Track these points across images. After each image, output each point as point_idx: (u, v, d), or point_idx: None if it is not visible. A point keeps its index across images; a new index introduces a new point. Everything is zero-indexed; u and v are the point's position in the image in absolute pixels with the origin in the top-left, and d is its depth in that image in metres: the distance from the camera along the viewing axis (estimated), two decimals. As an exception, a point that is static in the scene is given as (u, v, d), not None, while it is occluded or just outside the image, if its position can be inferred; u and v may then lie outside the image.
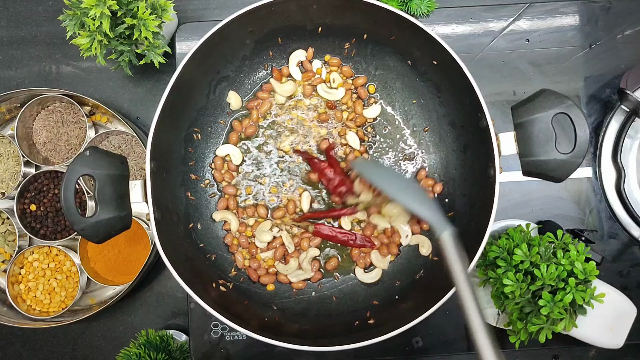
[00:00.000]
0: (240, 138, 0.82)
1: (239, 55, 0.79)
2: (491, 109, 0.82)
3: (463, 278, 0.58)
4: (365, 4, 0.70)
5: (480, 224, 0.68)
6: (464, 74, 0.67)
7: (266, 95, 0.82)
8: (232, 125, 0.82)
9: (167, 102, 0.68)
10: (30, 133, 0.98)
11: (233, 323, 0.65)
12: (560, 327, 0.69)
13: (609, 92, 0.92)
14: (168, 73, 0.98)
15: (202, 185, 0.81)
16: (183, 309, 0.99)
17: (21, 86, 0.99)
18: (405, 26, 0.70)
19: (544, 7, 0.92)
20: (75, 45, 0.81)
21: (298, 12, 0.75)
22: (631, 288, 0.88)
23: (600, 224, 0.90)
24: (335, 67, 0.82)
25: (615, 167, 0.89)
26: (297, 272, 0.79)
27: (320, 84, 0.82)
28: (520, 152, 0.65)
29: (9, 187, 0.95)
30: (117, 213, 0.63)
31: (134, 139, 0.97)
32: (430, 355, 0.88)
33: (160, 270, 0.99)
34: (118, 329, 0.99)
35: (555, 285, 0.69)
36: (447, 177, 0.80)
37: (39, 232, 0.95)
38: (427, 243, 0.79)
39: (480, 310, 0.56)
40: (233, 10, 0.70)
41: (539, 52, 0.92)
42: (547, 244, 0.73)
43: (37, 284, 0.95)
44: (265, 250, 0.79)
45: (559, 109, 0.63)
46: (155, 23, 0.81)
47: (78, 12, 0.79)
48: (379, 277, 0.79)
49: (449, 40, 0.81)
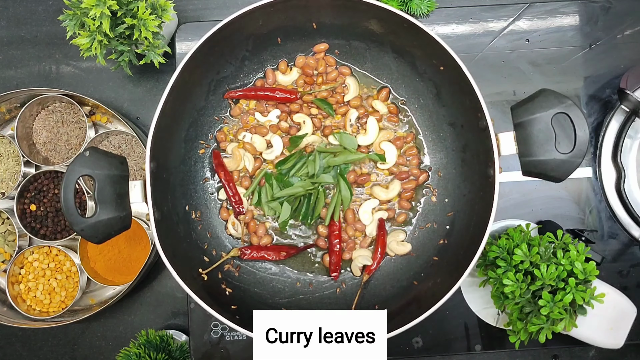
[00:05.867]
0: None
1: (239, 55, 0.79)
2: (491, 109, 0.82)
3: None
4: (365, 4, 0.70)
5: (480, 224, 0.68)
6: (464, 74, 0.67)
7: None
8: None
9: (167, 102, 0.68)
10: (30, 133, 0.98)
11: (233, 323, 0.65)
12: (560, 327, 0.69)
13: (609, 92, 0.92)
14: (168, 73, 0.98)
15: (201, 184, 0.81)
16: (183, 309, 0.99)
17: (21, 86, 1.00)
18: (405, 26, 0.70)
19: (544, 7, 0.92)
20: (75, 45, 0.81)
21: (298, 12, 0.75)
22: (631, 288, 0.88)
23: (600, 224, 0.90)
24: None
25: (615, 167, 0.89)
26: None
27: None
28: (520, 152, 0.65)
29: (9, 187, 0.95)
30: (116, 213, 0.63)
31: (134, 139, 0.97)
32: (430, 355, 0.88)
33: (160, 270, 0.99)
34: (118, 329, 0.99)
35: (555, 285, 0.69)
36: (447, 177, 0.80)
37: (39, 232, 0.95)
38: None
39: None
40: (233, 10, 0.70)
41: (539, 52, 0.92)
42: (547, 244, 0.73)
43: (37, 284, 0.95)
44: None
45: (558, 108, 0.63)
46: (155, 23, 0.81)
47: (78, 12, 0.79)
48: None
49: (449, 40, 0.81)
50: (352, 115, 0.81)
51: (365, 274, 0.78)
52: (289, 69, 0.83)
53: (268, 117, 0.82)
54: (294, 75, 0.83)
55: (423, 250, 0.80)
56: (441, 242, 0.78)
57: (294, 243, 0.81)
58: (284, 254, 0.78)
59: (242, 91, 0.81)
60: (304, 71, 0.82)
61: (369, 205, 0.80)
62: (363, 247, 0.80)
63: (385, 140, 0.81)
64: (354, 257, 0.80)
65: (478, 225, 0.69)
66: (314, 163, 0.79)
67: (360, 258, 0.79)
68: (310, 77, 0.82)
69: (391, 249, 0.80)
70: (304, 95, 0.82)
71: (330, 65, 0.83)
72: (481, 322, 0.86)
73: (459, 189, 0.78)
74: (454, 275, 0.66)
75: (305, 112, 0.82)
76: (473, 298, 0.86)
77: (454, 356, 0.90)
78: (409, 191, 0.81)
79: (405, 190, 0.81)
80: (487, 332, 0.87)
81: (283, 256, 0.78)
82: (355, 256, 0.80)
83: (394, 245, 0.79)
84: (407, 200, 0.81)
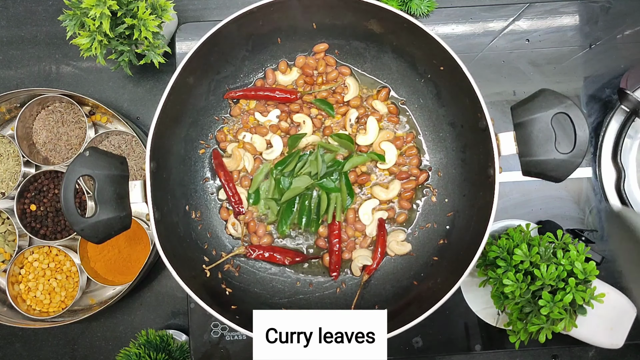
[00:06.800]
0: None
1: (239, 55, 0.79)
2: (491, 109, 0.82)
3: None
4: (365, 4, 0.70)
5: (480, 223, 0.68)
6: (464, 73, 0.67)
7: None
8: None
9: (167, 102, 0.68)
10: (30, 133, 0.98)
11: (233, 323, 0.65)
12: (560, 327, 0.69)
13: (609, 92, 0.91)
14: (168, 73, 0.98)
15: (201, 184, 0.81)
16: (183, 309, 0.99)
17: (21, 86, 1.00)
18: (405, 26, 0.70)
19: (544, 7, 0.92)
20: (75, 45, 0.81)
21: (298, 13, 0.75)
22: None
23: (600, 224, 0.90)
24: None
25: (615, 167, 0.89)
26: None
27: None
28: (520, 152, 0.65)
29: (9, 187, 0.95)
30: (116, 213, 0.63)
31: (134, 139, 0.97)
32: (430, 355, 0.88)
33: (160, 270, 0.99)
34: (118, 329, 0.99)
35: (555, 285, 0.69)
36: (447, 177, 0.80)
37: (39, 232, 0.95)
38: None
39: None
40: (233, 10, 0.70)
41: (539, 52, 0.92)
42: (547, 244, 0.73)
43: (37, 284, 0.95)
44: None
45: (558, 108, 0.63)
46: (155, 23, 0.81)
47: (78, 12, 0.79)
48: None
49: (449, 40, 0.81)
50: (352, 116, 0.81)
51: (365, 274, 0.78)
52: (289, 69, 0.83)
53: (268, 117, 0.82)
54: (294, 75, 0.83)
55: (423, 250, 0.80)
56: (441, 242, 0.78)
57: (296, 244, 0.81)
58: (289, 260, 0.78)
59: (242, 91, 0.81)
60: (304, 71, 0.82)
61: (369, 205, 0.80)
62: (363, 247, 0.80)
63: (385, 140, 0.81)
64: (354, 257, 0.80)
65: (478, 225, 0.69)
66: (317, 162, 0.79)
67: (360, 258, 0.79)
68: (310, 77, 0.82)
69: (391, 249, 0.80)
70: (304, 95, 0.82)
71: (330, 65, 0.83)
72: (481, 322, 0.86)
73: (459, 189, 0.78)
74: (454, 275, 0.66)
75: (305, 112, 0.82)
76: (473, 298, 0.85)
77: (454, 356, 0.90)
78: (409, 191, 0.81)
79: (405, 190, 0.81)
80: (487, 332, 0.87)
81: (288, 262, 0.78)
82: (355, 256, 0.80)
83: (394, 245, 0.79)
84: (407, 200, 0.81)
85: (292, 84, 0.83)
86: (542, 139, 0.63)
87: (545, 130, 0.63)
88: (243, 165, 0.81)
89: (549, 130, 0.63)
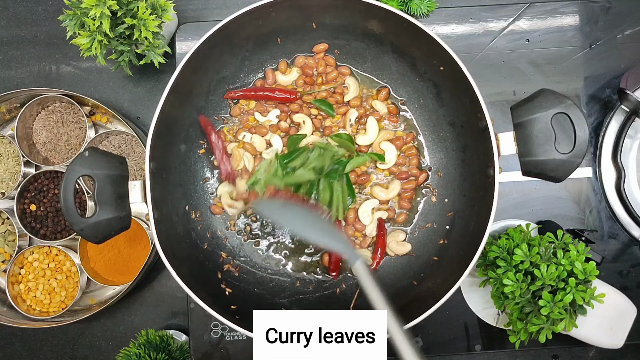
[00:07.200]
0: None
1: (239, 55, 0.79)
2: (491, 109, 0.82)
3: (381, 302, 0.60)
4: (364, 4, 0.70)
5: (480, 224, 0.68)
6: (464, 74, 0.67)
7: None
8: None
9: (167, 102, 0.68)
10: (30, 133, 0.98)
11: (233, 323, 0.65)
12: (560, 327, 0.69)
13: (609, 92, 0.91)
14: (168, 73, 0.97)
15: (201, 184, 0.81)
16: (183, 309, 0.99)
17: (21, 86, 0.99)
18: (405, 26, 0.70)
19: (544, 7, 0.92)
20: (75, 45, 0.81)
21: (297, 12, 0.75)
22: (631, 288, 0.88)
23: (600, 224, 0.90)
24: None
25: (615, 167, 0.89)
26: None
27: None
28: (520, 152, 0.65)
29: (9, 187, 0.95)
30: (116, 213, 0.63)
31: (134, 139, 0.97)
32: (430, 355, 0.88)
33: (160, 270, 0.99)
34: (118, 329, 0.99)
35: (555, 285, 0.69)
36: (447, 177, 0.80)
37: (39, 232, 0.95)
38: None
39: (402, 329, 0.58)
40: (233, 10, 0.70)
41: (539, 52, 0.92)
42: (547, 244, 0.73)
43: (37, 284, 0.95)
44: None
45: (558, 108, 0.63)
46: (155, 23, 0.81)
47: (78, 12, 0.79)
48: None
49: (449, 40, 0.81)
50: (352, 115, 0.81)
51: None
52: (289, 69, 0.83)
53: (268, 117, 0.82)
54: (294, 75, 0.83)
55: (423, 250, 0.80)
56: (441, 242, 0.78)
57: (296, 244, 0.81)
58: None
59: (242, 91, 0.81)
60: (304, 71, 0.82)
61: (369, 205, 0.80)
62: (363, 247, 0.80)
63: (385, 140, 0.81)
64: None
65: (478, 225, 0.69)
66: (323, 157, 0.78)
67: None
68: (310, 77, 0.82)
69: (391, 249, 0.80)
70: (303, 96, 0.82)
71: (330, 66, 0.83)
72: (481, 322, 0.86)
73: (459, 189, 0.78)
74: (454, 275, 0.66)
75: (305, 112, 0.82)
76: (473, 298, 0.85)
77: (454, 356, 0.90)
78: (408, 191, 0.81)
79: (405, 190, 0.81)
80: (487, 332, 0.87)
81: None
82: (355, 256, 0.80)
83: (394, 245, 0.79)
84: (407, 200, 0.81)
85: (292, 84, 0.83)
86: (542, 139, 0.63)
87: (545, 130, 0.63)
88: (243, 165, 0.81)
89: (549, 130, 0.63)
